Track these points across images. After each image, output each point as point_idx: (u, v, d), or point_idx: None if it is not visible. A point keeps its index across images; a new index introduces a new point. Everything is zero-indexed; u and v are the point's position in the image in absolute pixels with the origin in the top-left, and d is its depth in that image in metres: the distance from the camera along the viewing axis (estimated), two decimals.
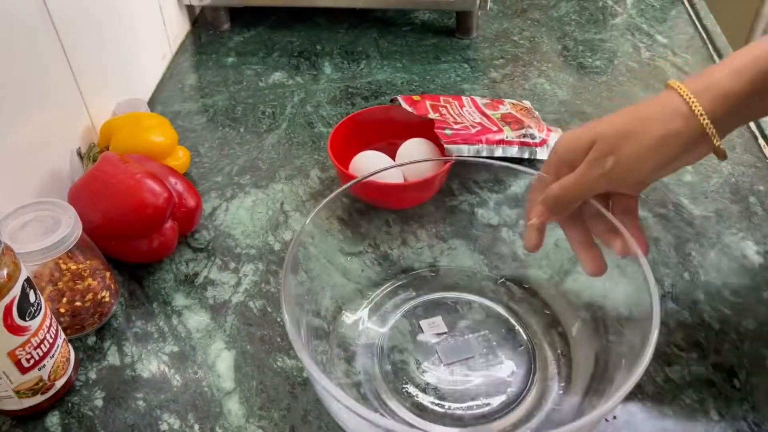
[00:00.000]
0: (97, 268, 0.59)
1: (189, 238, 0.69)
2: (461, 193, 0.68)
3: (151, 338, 0.59)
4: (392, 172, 0.67)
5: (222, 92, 0.91)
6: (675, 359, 0.57)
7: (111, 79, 0.80)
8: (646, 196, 0.72)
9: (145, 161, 0.65)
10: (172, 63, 0.97)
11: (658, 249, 0.66)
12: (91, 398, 0.55)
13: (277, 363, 0.57)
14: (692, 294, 0.62)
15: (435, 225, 0.67)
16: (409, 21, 1.06)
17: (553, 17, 1.08)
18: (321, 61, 0.97)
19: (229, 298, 0.63)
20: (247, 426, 0.53)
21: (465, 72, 0.94)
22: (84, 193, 0.62)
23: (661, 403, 0.54)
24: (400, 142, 0.74)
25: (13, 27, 0.60)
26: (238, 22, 1.06)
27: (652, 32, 1.02)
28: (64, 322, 0.57)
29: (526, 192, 0.58)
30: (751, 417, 0.53)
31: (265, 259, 0.67)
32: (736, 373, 0.56)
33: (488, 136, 0.72)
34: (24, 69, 0.62)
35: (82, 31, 0.72)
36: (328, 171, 0.77)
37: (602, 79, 0.92)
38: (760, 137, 0.80)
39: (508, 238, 0.65)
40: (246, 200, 0.74)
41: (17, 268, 0.47)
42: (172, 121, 0.82)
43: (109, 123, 0.73)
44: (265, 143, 0.82)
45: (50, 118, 0.68)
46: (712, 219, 0.70)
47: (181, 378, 0.56)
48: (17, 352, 0.48)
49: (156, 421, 0.53)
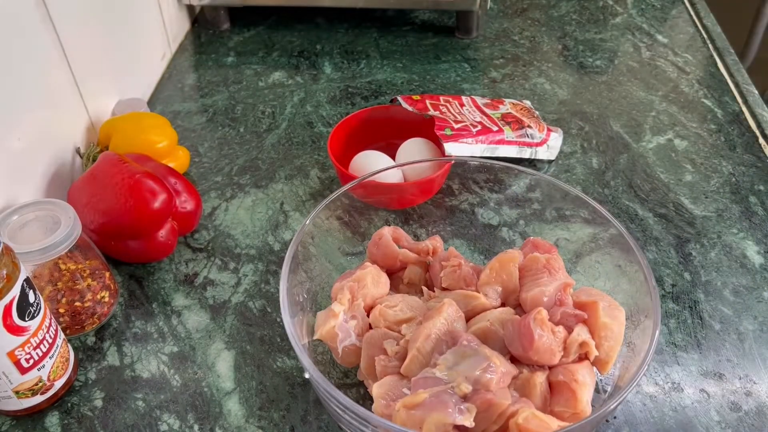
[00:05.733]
0: (96, 268, 0.59)
1: (189, 238, 0.69)
2: (461, 193, 0.68)
3: (151, 338, 0.59)
4: (392, 172, 0.67)
5: (222, 92, 0.91)
6: (675, 359, 0.57)
7: (111, 79, 0.80)
8: (646, 196, 0.72)
9: (145, 161, 0.65)
10: (171, 63, 0.97)
11: (658, 249, 0.66)
12: (91, 398, 0.55)
13: (277, 363, 0.57)
14: (692, 294, 0.62)
15: (435, 225, 0.67)
16: (409, 21, 1.06)
17: (553, 17, 1.08)
18: (321, 60, 0.97)
19: (229, 298, 0.63)
20: (247, 426, 0.53)
21: (465, 72, 0.94)
22: (84, 192, 0.62)
23: (661, 403, 0.54)
24: (400, 142, 0.74)
25: (13, 27, 0.60)
26: (238, 21, 1.06)
27: (653, 32, 1.02)
28: (64, 322, 0.57)
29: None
30: (751, 418, 0.53)
31: (265, 259, 0.67)
32: (736, 374, 0.56)
33: (488, 136, 0.72)
34: (24, 69, 0.62)
35: (82, 31, 0.72)
36: (327, 171, 0.77)
37: (602, 79, 0.92)
38: (760, 137, 0.80)
39: (508, 238, 0.65)
40: (246, 200, 0.73)
41: (17, 268, 0.47)
42: (172, 121, 0.82)
43: (109, 123, 0.73)
44: (265, 143, 0.82)
45: (50, 118, 0.67)
46: (713, 219, 0.70)
47: (180, 378, 0.56)
48: (17, 353, 0.48)
49: (156, 422, 0.53)
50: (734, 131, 0.81)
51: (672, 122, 0.83)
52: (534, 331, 0.47)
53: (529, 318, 0.48)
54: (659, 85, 0.90)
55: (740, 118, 0.83)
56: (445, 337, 0.49)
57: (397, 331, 0.52)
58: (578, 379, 0.47)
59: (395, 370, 0.49)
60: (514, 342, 0.48)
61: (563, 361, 0.49)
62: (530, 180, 0.64)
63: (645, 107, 0.86)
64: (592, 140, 0.81)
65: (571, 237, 0.61)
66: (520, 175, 0.62)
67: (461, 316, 0.52)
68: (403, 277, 0.59)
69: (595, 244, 0.58)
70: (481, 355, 0.46)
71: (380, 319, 0.52)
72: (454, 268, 0.55)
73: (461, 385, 0.45)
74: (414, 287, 0.59)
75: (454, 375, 0.46)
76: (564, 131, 0.82)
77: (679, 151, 0.79)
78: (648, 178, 0.75)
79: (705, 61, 0.95)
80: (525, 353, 0.48)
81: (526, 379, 0.48)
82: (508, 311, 0.52)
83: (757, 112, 0.84)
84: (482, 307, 0.53)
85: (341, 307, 0.52)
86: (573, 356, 0.49)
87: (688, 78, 0.91)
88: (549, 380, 0.49)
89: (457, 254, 0.57)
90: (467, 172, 0.66)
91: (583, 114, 0.86)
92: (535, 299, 0.51)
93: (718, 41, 0.98)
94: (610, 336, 0.49)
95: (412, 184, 0.68)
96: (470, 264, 0.56)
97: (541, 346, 0.47)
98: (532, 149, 0.75)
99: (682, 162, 0.77)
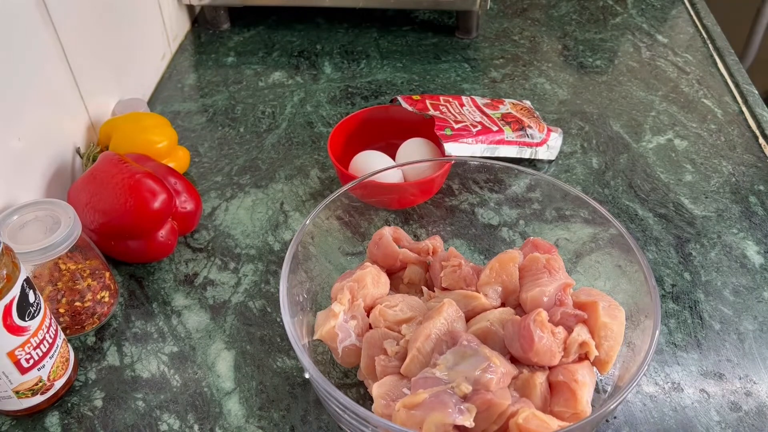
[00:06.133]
0: (96, 268, 0.59)
1: (188, 238, 0.69)
2: (461, 193, 0.68)
3: (151, 338, 0.59)
4: (392, 172, 0.67)
5: (222, 92, 0.91)
6: (675, 359, 0.57)
7: (111, 79, 0.80)
8: (646, 196, 0.72)
9: (145, 161, 0.65)
10: (171, 63, 0.97)
11: (658, 249, 0.66)
12: (91, 398, 0.55)
13: (276, 363, 0.57)
14: (692, 294, 0.62)
15: (435, 225, 0.67)
16: (409, 21, 1.06)
17: (553, 17, 1.08)
18: (321, 60, 0.97)
19: (229, 298, 0.63)
20: (247, 426, 0.53)
21: (465, 72, 0.94)
22: (84, 192, 0.62)
23: (661, 403, 0.54)
24: (400, 142, 0.74)
25: (13, 27, 0.60)
26: (238, 21, 1.06)
27: (653, 32, 1.02)
28: (64, 322, 0.57)
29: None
30: (751, 418, 0.53)
31: (265, 259, 0.67)
32: (736, 374, 0.56)
33: (488, 136, 0.72)
34: (24, 69, 0.62)
35: (82, 30, 0.72)
36: (327, 171, 0.77)
37: (602, 79, 0.92)
38: (760, 137, 0.80)
39: (508, 238, 0.65)
40: (246, 200, 0.73)
41: (17, 268, 0.47)
42: (172, 121, 0.82)
43: (109, 123, 0.73)
44: (265, 143, 0.82)
45: (50, 118, 0.67)
46: (713, 219, 0.70)
47: (180, 378, 0.56)
48: (17, 353, 0.48)
49: (156, 422, 0.53)
50: (734, 131, 0.81)
51: (672, 122, 0.83)
52: (534, 332, 0.47)
53: (529, 319, 0.48)
54: (659, 85, 0.90)
55: (740, 118, 0.83)
56: (445, 337, 0.49)
57: (397, 331, 0.52)
58: (578, 379, 0.47)
59: (395, 370, 0.49)
60: (514, 343, 0.48)
61: (563, 361, 0.49)
62: (530, 180, 0.64)
63: (645, 107, 0.86)
64: (592, 140, 0.81)
65: (571, 237, 0.61)
66: (520, 175, 0.62)
67: (461, 316, 0.52)
68: (403, 277, 0.59)
69: (595, 244, 0.58)
70: (481, 355, 0.46)
71: (380, 319, 0.52)
72: (454, 268, 0.55)
73: (461, 385, 0.45)
74: (414, 287, 0.59)
75: (454, 375, 0.46)
76: (564, 131, 0.82)
77: (679, 151, 0.79)
78: (648, 178, 0.75)
79: (705, 61, 0.95)
80: (525, 355, 0.48)
81: (526, 380, 0.48)
82: (508, 311, 0.52)
83: (757, 112, 0.84)
84: (482, 307, 0.53)
85: (341, 307, 0.52)
86: (573, 356, 0.49)
87: (688, 78, 0.91)
88: (549, 380, 0.49)
89: (457, 254, 0.57)
90: (467, 172, 0.66)
91: (583, 114, 0.86)
92: (535, 299, 0.51)
93: (718, 41, 0.98)
94: (610, 336, 0.49)
95: (412, 184, 0.68)
96: (470, 264, 0.56)
97: (541, 348, 0.47)
98: (532, 149, 0.75)
99: (682, 162, 0.77)
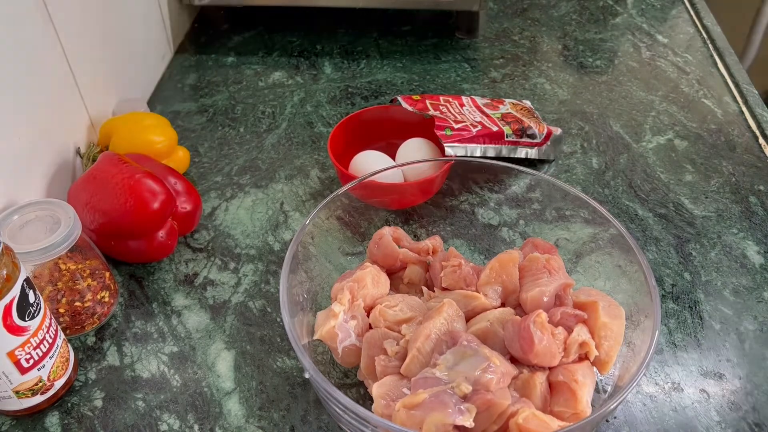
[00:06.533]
0: (96, 268, 0.59)
1: (188, 238, 0.69)
2: (461, 193, 0.68)
3: (151, 338, 0.59)
4: (392, 172, 0.67)
5: (222, 92, 0.91)
6: (675, 359, 0.57)
7: (111, 79, 0.80)
8: (646, 196, 0.72)
9: (145, 161, 0.65)
10: (171, 63, 0.97)
11: (658, 249, 0.66)
12: (91, 398, 0.55)
13: (276, 363, 0.57)
14: (692, 294, 0.62)
15: (435, 225, 0.67)
16: (409, 21, 1.06)
17: (553, 17, 1.07)
18: (321, 60, 0.97)
19: (229, 299, 0.63)
20: (247, 426, 0.53)
21: (465, 72, 0.94)
22: (84, 192, 0.62)
23: (661, 403, 0.54)
24: (400, 142, 0.74)
25: (13, 27, 0.60)
26: (238, 21, 1.06)
27: (653, 32, 1.02)
28: (64, 322, 0.57)
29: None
30: (751, 418, 0.53)
31: (265, 259, 0.67)
32: (736, 374, 0.56)
33: (488, 136, 0.72)
34: (23, 69, 0.62)
35: (82, 30, 0.72)
36: (327, 171, 0.77)
37: (602, 79, 0.92)
38: (760, 137, 0.80)
39: (508, 238, 0.65)
40: (246, 200, 0.73)
41: (17, 268, 0.47)
42: (172, 121, 0.82)
43: (109, 123, 0.73)
44: (265, 143, 0.82)
45: (50, 118, 0.67)
46: (713, 219, 0.70)
47: (180, 378, 0.56)
48: (17, 353, 0.48)
49: (156, 422, 0.53)
50: (734, 131, 0.81)
51: (672, 122, 0.83)
52: (534, 334, 0.47)
53: (529, 321, 0.48)
54: (659, 85, 0.90)
55: (740, 118, 0.83)
56: (445, 337, 0.49)
57: (397, 331, 0.52)
58: (578, 379, 0.47)
59: (395, 370, 0.49)
60: (514, 344, 0.48)
61: (563, 361, 0.49)
62: (530, 180, 0.64)
63: (645, 107, 0.86)
64: (592, 140, 0.81)
65: (571, 237, 0.61)
66: (520, 175, 0.62)
67: (461, 316, 0.52)
68: (403, 277, 0.59)
69: (595, 244, 0.58)
70: (481, 355, 0.46)
71: (380, 319, 0.52)
72: (454, 268, 0.55)
73: (461, 385, 0.45)
74: (414, 287, 0.59)
75: (454, 375, 0.46)
76: (564, 131, 0.82)
77: (679, 151, 0.79)
78: (648, 178, 0.75)
79: (705, 61, 0.95)
80: (525, 356, 0.48)
81: (526, 380, 0.48)
82: (508, 311, 0.52)
83: (757, 112, 0.84)
84: (482, 307, 0.53)
85: (341, 307, 0.52)
86: (573, 356, 0.49)
87: (688, 78, 0.91)
88: (549, 380, 0.49)
89: (457, 254, 0.57)
90: (467, 172, 0.66)
91: (583, 114, 0.86)
92: (535, 299, 0.51)
93: (718, 41, 0.98)
94: (610, 336, 0.49)
95: (412, 184, 0.68)
96: (470, 264, 0.56)
97: (542, 349, 0.47)
98: (532, 149, 0.75)
99: (682, 162, 0.77)
